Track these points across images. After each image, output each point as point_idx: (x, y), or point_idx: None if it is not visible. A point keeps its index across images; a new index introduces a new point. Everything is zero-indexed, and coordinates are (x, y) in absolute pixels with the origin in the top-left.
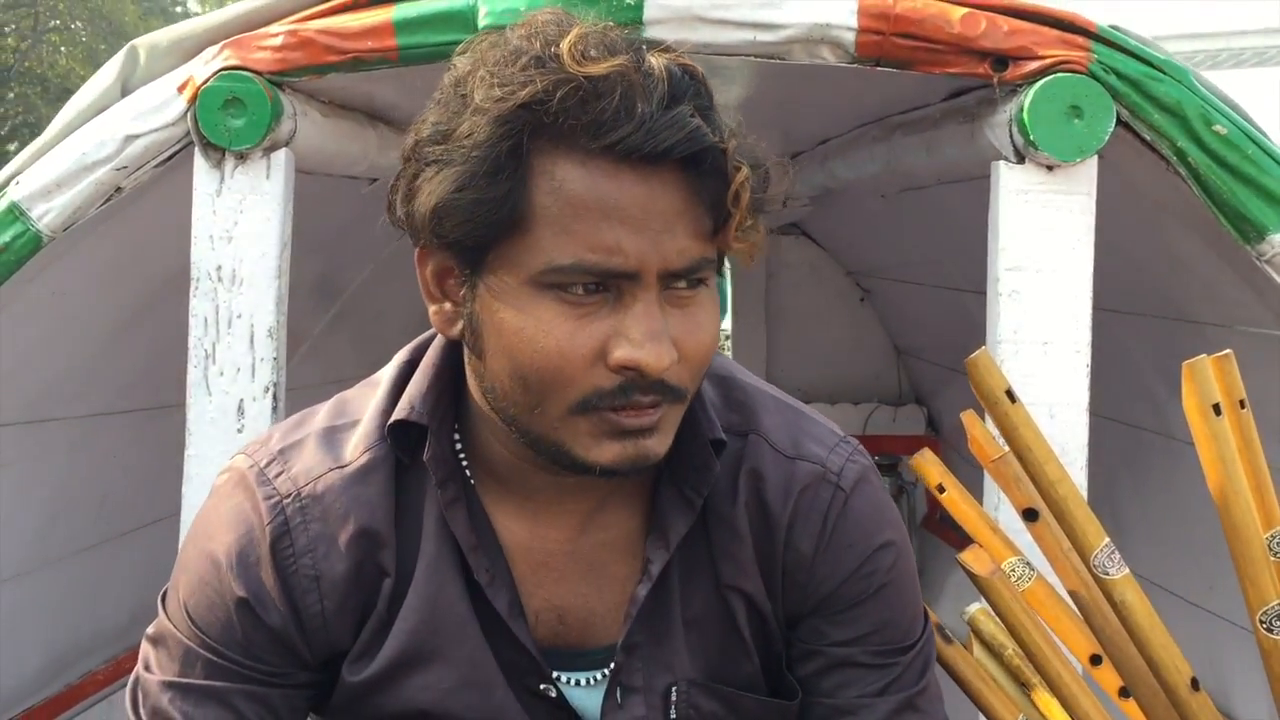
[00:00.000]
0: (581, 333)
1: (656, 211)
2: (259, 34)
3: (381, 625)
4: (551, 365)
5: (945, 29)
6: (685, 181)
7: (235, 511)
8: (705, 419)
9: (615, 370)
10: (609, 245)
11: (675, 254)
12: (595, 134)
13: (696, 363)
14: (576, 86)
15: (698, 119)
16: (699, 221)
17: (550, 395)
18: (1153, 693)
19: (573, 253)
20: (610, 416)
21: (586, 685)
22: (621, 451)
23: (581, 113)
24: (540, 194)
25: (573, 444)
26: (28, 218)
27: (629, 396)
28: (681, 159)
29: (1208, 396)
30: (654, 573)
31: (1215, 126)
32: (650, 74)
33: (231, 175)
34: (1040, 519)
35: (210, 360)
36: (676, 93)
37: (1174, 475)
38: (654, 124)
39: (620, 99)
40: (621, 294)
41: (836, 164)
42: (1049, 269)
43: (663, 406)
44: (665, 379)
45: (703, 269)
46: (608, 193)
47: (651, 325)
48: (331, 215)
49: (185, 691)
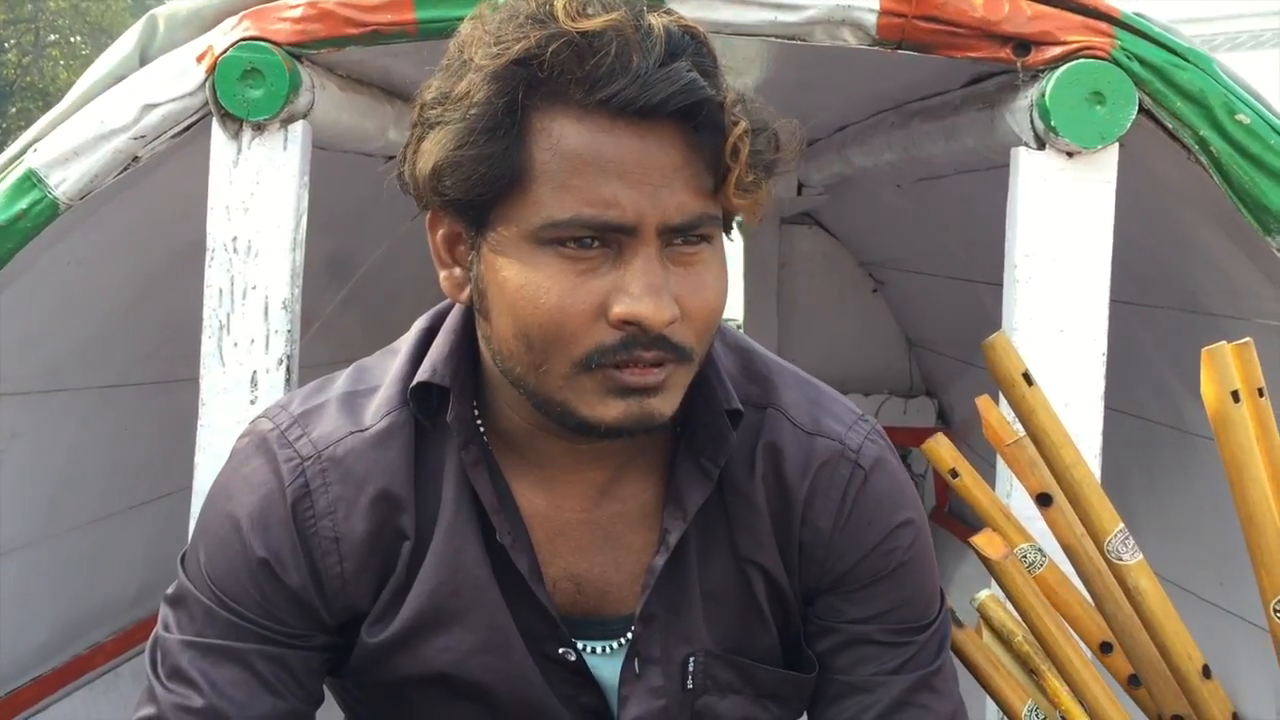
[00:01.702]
0: (582, 289)
1: (654, 166)
2: (278, 5)
3: (400, 588)
4: (553, 322)
5: (969, 12)
6: (683, 136)
7: (256, 473)
8: (722, 389)
9: (616, 326)
10: (606, 199)
11: (674, 209)
12: (590, 88)
13: (701, 321)
14: (569, 41)
15: (695, 74)
16: (699, 178)
17: (554, 353)
18: (1164, 680)
19: (570, 207)
20: (614, 374)
21: (604, 654)
22: (626, 410)
23: (575, 67)
24: (538, 150)
25: (578, 403)
26: (45, 185)
27: (631, 352)
28: (679, 113)
29: (1227, 383)
30: (671, 543)
31: (1238, 116)
32: (649, 32)
33: (249, 146)
34: (1054, 504)
35: (225, 331)
36: (674, 50)
37: (1187, 470)
38: (648, 78)
39: (615, 54)
40: (622, 249)
41: (853, 151)
42: (1067, 256)
43: (668, 366)
44: (668, 335)
45: (703, 225)
46: (604, 147)
47: (651, 280)
48: (345, 194)
49: (204, 651)
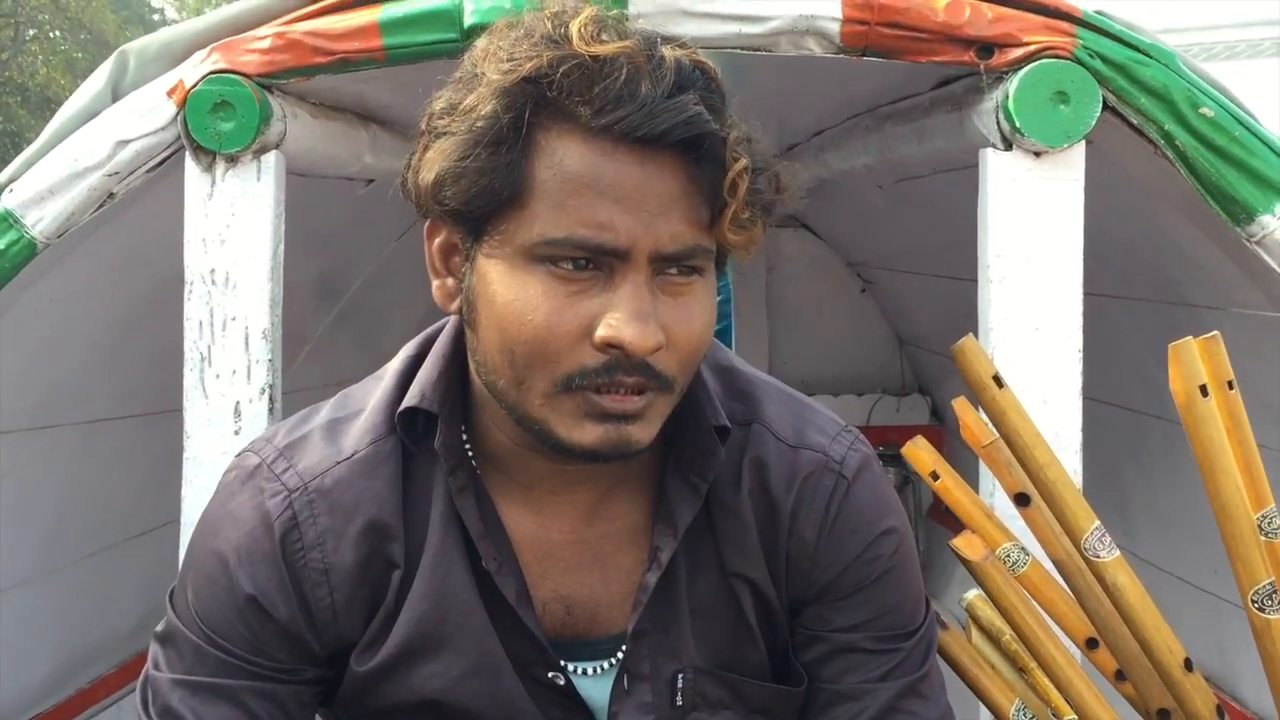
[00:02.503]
0: (570, 309)
1: (652, 193)
2: (246, 37)
3: (390, 615)
4: (538, 339)
5: (930, 17)
6: (684, 168)
7: (242, 509)
8: (710, 406)
9: (600, 348)
10: (601, 221)
11: (668, 237)
12: (596, 112)
13: (685, 352)
14: (580, 63)
15: (700, 107)
16: (696, 209)
17: (536, 370)
18: (1147, 674)
19: (566, 227)
20: (593, 397)
21: (594, 674)
22: (603, 435)
23: (584, 89)
24: (540, 168)
25: (556, 424)
26: (21, 225)
27: (612, 376)
28: (681, 144)
29: (1194, 378)
30: (663, 560)
31: (1202, 109)
32: (660, 62)
33: (222, 178)
34: (1032, 504)
35: (206, 363)
36: (683, 82)
37: (1175, 459)
38: (655, 107)
39: (625, 80)
40: (613, 273)
41: (831, 155)
42: (1038, 255)
43: (649, 394)
44: (652, 363)
45: (696, 256)
46: (604, 170)
47: (638, 305)
48: (330, 217)
49: (194, 689)
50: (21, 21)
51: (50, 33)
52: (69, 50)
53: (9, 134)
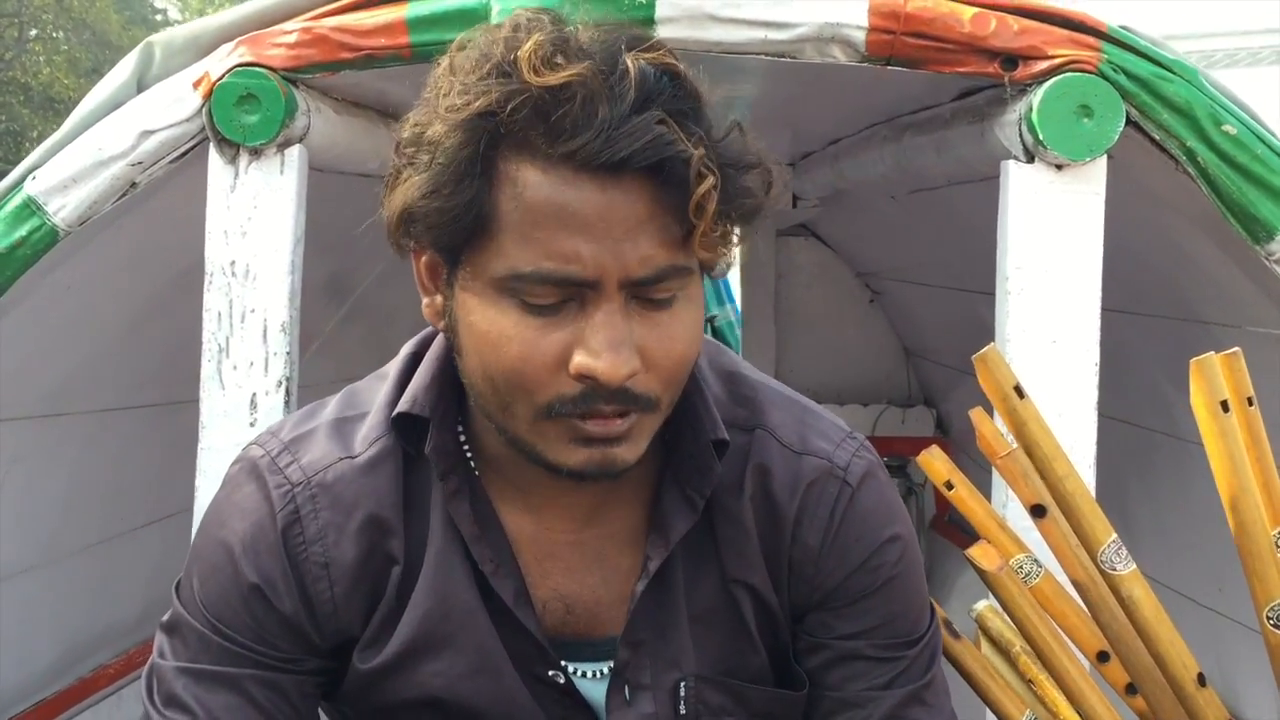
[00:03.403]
0: (544, 340)
1: (617, 219)
2: (273, 31)
3: (391, 613)
4: (515, 370)
5: (956, 28)
6: (650, 189)
7: (247, 500)
8: (709, 418)
9: (575, 379)
10: (567, 253)
11: (637, 262)
12: (553, 141)
13: (667, 372)
14: (529, 97)
15: (664, 126)
16: (666, 229)
17: (516, 399)
18: (1160, 689)
19: (532, 260)
20: (576, 424)
21: (595, 677)
22: (589, 458)
23: (538, 122)
24: (503, 198)
25: (544, 447)
26: (44, 212)
27: (590, 404)
28: (646, 166)
29: (1215, 394)
30: (651, 570)
31: (1225, 126)
32: (621, 78)
33: (245, 171)
34: (1048, 515)
35: (224, 354)
36: (646, 96)
37: (1183, 476)
38: (613, 132)
39: (580, 107)
40: (584, 302)
41: (846, 164)
42: (1057, 268)
43: (632, 415)
44: (630, 388)
45: (670, 277)
46: (567, 200)
47: (611, 334)
48: (342, 214)
49: (198, 677)
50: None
51: (54, 33)
52: (72, 50)
53: (12, 133)
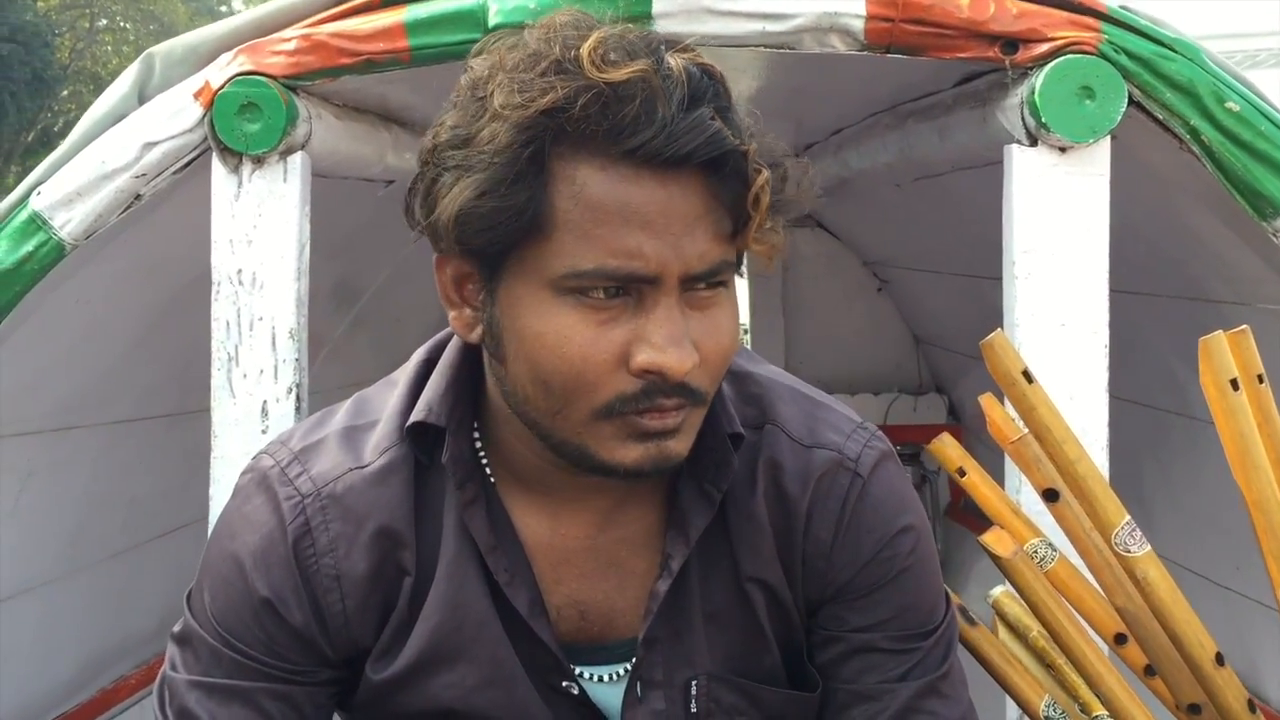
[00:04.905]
0: (603, 338)
1: (677, 215)
2: (272, 39)
3: (403, 624)
4: (574, 371)
5: (954, 14)
6: (705, 184)
7: (257, 512)
8: (725, 414)
9: (637, 375)
10: (630, 250)
11: (696, 257)
12: (616, 139)
13: (716, 365)
14: (598, 93)
15: (718, 122)
16: (719, 224)
17: (573, 400)
18: (1178, 669)
19: (594, 258)
20: (634, 419)
21: (609, 681)
22: (644, 453)
23: (602, 119)
24: (561, 199)
25: (597, 447)
26: (50, 227)
27: (652, 400)
28: (702, 162)
29: (1224, 372)
30: (674, 568)
31: (1228, 103)
32: (670, 77)
33: (249, 179)
34: (1061, 499)
35: (233, 363)
36: (696, 95)
37: (1197, 456)
38: (674, 128)
39: (641, 104)
40: (642, 298)
41: (850, 154)
42: (1064, 251)
43: (685, 409)
44: (687, 382)
45: (722, 271)
46: (629, 197)
47: (673, 329)
48: (348, 219)
49: (210, 690)
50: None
51: (122, 23)
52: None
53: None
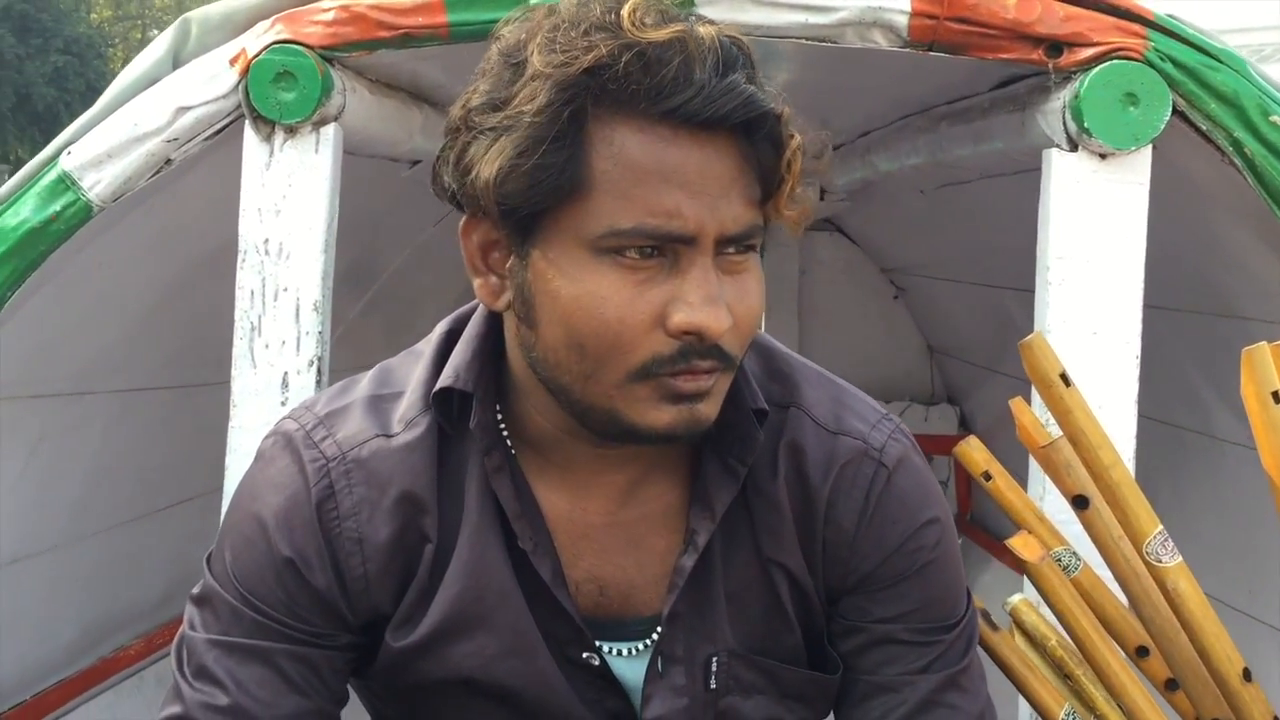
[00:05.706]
0: (640, 299)
1: (713, 176)
2: (311, 8)
3: (424, 592)
4: (611, 332)
5: (1001, 14)
6: (739, 148)
7: (282, 474)
8: (749, 389)
9: (674, 335)
10: (669, 209)
11: (731, 219)
12: (655, 99)
13: (746, 329)
14: (640, 52)
15: (753, 86)
16: (751, 188)
17: (608, 362)
18: (1203, 684)
19: (633, 216)
20: (668, 381)
21: (628, 655)
22: (677, 415)
23: (643, 78)
24: (600, 159)
25: (628, 410)
26: (78, 187)
27: (688, 361)
28: (736, 126)
29: (1266, 384)
30: (700, 543)
31: (1272, 117)
32: (703, 42)
33: (281, 149)
34: (1091, 506)
35: (256, 333)
36: (729, 60)
37: (1216, 477)
38: (712, 90)
39: (680, 65)
40: (678, 259)
41: (878, 156)
42: (1100, 258)
43: (715, 373)
44: (720, 344)
45: (754, 235)
46: (667, 157)
47: (709, 289)
48: (369, 198)
49: (230, 650)
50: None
51: None
52: None
53: None
